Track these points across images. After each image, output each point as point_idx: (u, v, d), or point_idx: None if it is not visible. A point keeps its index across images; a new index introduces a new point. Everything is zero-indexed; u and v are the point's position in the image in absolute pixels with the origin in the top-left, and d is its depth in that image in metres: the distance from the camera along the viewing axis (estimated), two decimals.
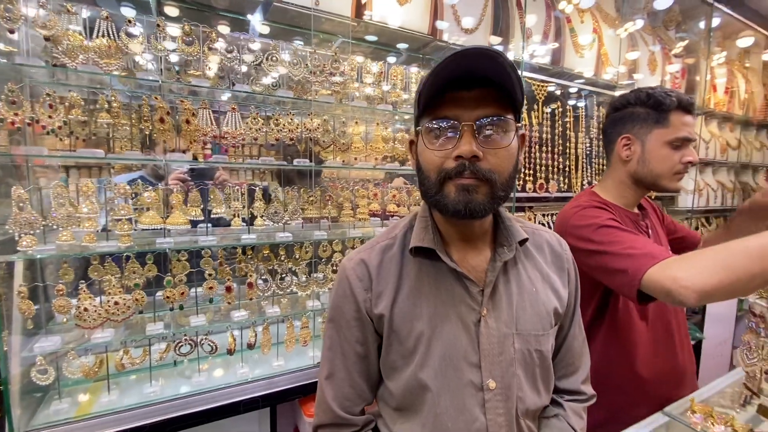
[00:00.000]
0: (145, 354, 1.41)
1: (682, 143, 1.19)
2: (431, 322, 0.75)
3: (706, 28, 3.10)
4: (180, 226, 1.36)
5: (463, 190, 0.68)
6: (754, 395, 1.32)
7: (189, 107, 1.37)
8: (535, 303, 0.80)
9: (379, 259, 0.80)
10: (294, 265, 1.68)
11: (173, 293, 1.39)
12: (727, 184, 3.68)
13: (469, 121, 0.67)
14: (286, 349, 1.63)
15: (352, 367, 0.81)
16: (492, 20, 2.06)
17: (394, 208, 1.79)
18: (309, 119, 1.58)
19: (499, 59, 0.64)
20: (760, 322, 1.30)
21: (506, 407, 0.75)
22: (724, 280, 0.82)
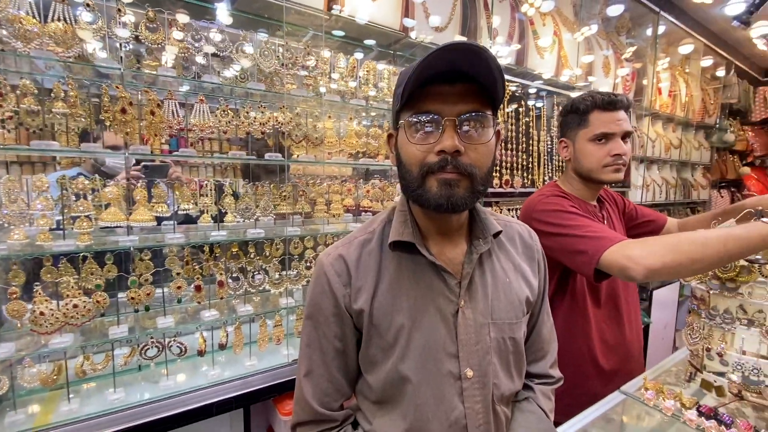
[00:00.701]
0: (108, 359, 1.33)
1: (605, 138, 1.30)
2: (411, 315, 0.76)
3: (652, 34, 3.34)
4: (145, 223, 1.29)
5: (445, 184, 0.69)
6: (697, 371, 1.45)
7: (154, 98, 1.30)
8: (509, 293, 0.83)
9: (358, 254, 0.81)
10: (264, 262, 1.64)
11: (138, 294, 1.32)
12: (671, 180, 4.00)
13: (451, 116, 0.68)
14: (260, 348, 1.59)
15: (331, 363, 0.80)
16: (461, 20, 2.11)
17: (368, 203, 1.79)
18: (280, 112, 1.54)
19: (484, 55, 0.65)
20: (701, 304, 1.43)
21: (483, 394, 0.77)
22: (670, 261, 0.96)
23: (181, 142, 2.29)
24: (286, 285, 1.62)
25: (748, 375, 1.26)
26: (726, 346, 1.32)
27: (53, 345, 1.18)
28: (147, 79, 1.41)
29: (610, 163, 1.31)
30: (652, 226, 1.61)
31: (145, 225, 1.30)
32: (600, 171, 1.33)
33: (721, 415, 1.19)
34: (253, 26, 1.65)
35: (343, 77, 1.75)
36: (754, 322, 1.27)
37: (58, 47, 1.13)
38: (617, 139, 1.31)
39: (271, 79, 1.64)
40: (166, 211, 1.34)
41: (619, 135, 1.31)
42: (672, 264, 0.96)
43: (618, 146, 1.30)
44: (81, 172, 1.53)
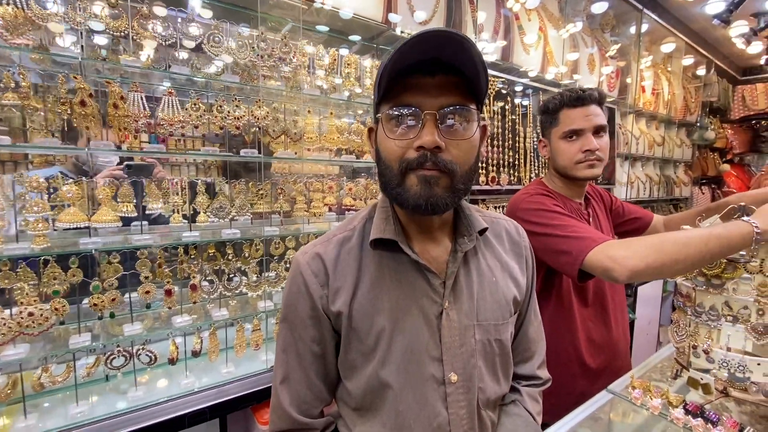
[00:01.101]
0: (69, 370, 1.24)
1: (575, 134, 1.30)
2: (392, 317, 0.72)
3: (636, 32, 3.36)
4: (109, 224, 1.21)
5: (425, 182, 0.65)
6: (684, 368, 1.43)
7: (116, 90, 1.21)
8: (495, 292, 0.80)
9: (336, 253, 0.76)
10: (243, 264, 1.57)
11: (102, 300, 1.23)
12: (654, 177, 4.04)
13: (432, 110, 0.64)
14: (236, 355, 1.52)
15: (309, 368, 0.76)
16: (445, 14, 2.07)
17: (350, 202, 1.73)
18: (256, 106, 1.47)
19: (466, 44, 0.61)
20: (687, 301, 1.42)
21: (468, 399, 0.74)
22: (653, 262, 0.96)
23: (160, 140, 2.20)
24: (264, 287, 1.55)
25: (734, 372, 1.24)
26: (712, 343, 1.30)
27: (6, 357, 1.09)
28: (117, 71, 1.33)
29: (582, 159, 1.30)
30: (638, 223, 1.60)
31: (109, 226, 1.21)
32: (574, 168, 1.32)
33: (707, 413, 1.17)
34: (231, 17, 1.57)
35: (326, 72, 1.68)
36: (738, 319, 1.25)
37: (7, 33, 1.04)
38: (588, 135, 1.29)
39: (249, 72, 1.57)
40: (132, 211, 1.25)
41: (590, 130, 1.29)
42: (655, 264, 0.97)
43: (588, 142, 1.28)
44: (62, 170, 1.44)
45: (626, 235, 1.66)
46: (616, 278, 1.02)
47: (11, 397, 1.13)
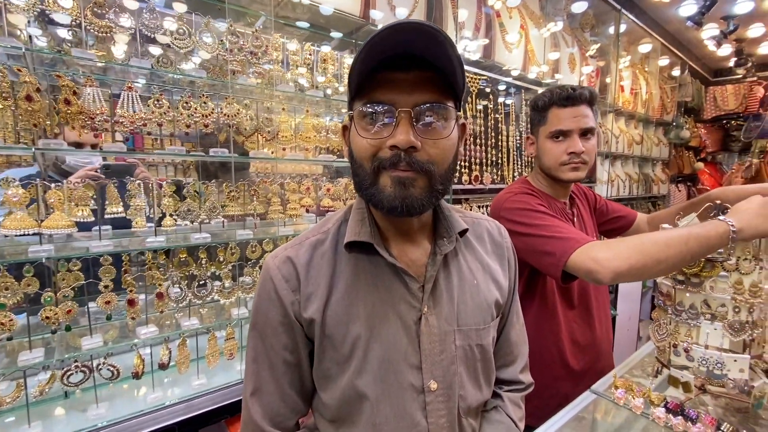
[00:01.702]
0: (20, 389, 1.14)
1: (562, 135, 1.27)
2: (369, 324, 0.69)
3: (615, 32, 3.40)
4: (63, 229, 1.11)
5: (399, 183, 0.62)
6: (664, 366, 1.44)
7: (68, 84, 1.11)
8: (476, 296, 0.77)
9: (309, 257, 0.72)
10: (217, 269, 1.49)
11: (56, 312, 1.13)
12: (633, 175, 4.11)
13: (406, 107, 0.61)
14: (209, 365, 1.44)
15: (282, 378, 0.72)
16: (425, 10, 2.02)
17: (328, 203, 1.66)
18: (226, 103, 1.39)
19: (440, 37, 0.57)
20: (667, 300, 1.42)
21: (448, 407, 0.71)
22: (635, 263, 0.97)
23: (138, 140, 2.09)
24: (237, 294, 1.48)
25: (712, 369, 1.25)
26: (691, 341, 1.30)
27: None
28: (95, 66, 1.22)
29: (567, 161, 1.27)
30: (622, 222, 1.60)
31: (63, 232, 1.11)
32: (558, 169, 1.29)
33: (687, 411, 1.17)
34: (206, 11, 1.48)
35: (299, 67, 1.61)
36: (716, 317, 1.26)
37: None
38: (574, 137, 1.26)
39: (221, 68, 1.48)
40: (89, 215, 1.16)
41: (577, 132, 1.25)
42: (638, 266, 0.97)
43: (574, 144, 1.25)
44: (40, 171, 1.34)
45: (610, 234, 1.66)
46: (599, 280, 1.01)
47: None
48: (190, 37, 1.28)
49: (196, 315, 1.44)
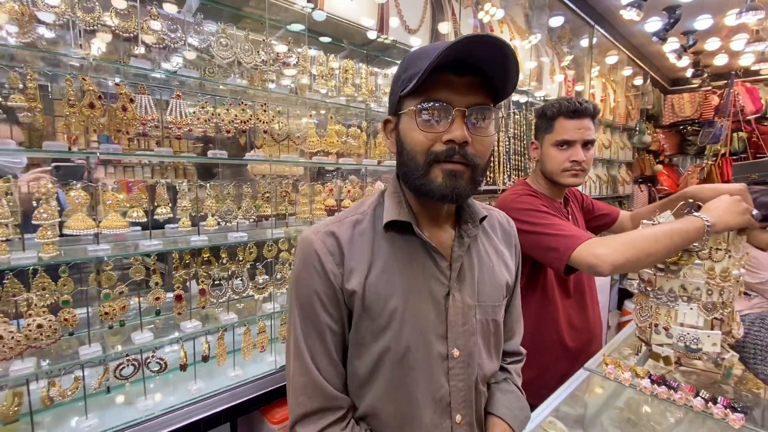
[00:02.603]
0: (78, 382, 1.18)
1: (566, 144, 1.39)
2: (404, 298, 0.75)
3: (588, 45, 3.69)
4: (118, 229, 1.16)
5: (451, 175, 0.70)
6: (645, 344, 1.65)
7: (126, 92, 1.16)
8: (492, 276, 0.85)
9: (350, 234, 0.77)
10: (237, 268, 1.54)
11: (113, 308, 1.19)
12: (602, 176, 4.46)
13: (461, 107, 0.68)
14: (243, 358, 1.52)
15: (331, 347, 0.76)
16: (431, 24, 2.17)
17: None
18: (261, 110, 1.47)
19: (505, 50, 0.64)
20: (648, 285, 1.63)
21: (467, 373, 0.79)
22: (630, 257, 1.11)
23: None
24: (271, 289, 1.56)
25: (689, 345, 1.45)
26: (670, 321, 1.51)
27: (13, 372, 1.02)
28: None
29: (569, 168, 1.41)
30: (606, 219, 1.80)
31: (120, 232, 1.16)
32: (559, 174, 1.43)
33: (669, 381, 1.37)
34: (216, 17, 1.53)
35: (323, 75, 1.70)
36: (692, 299, 1.47)
37: None
38: (577, 146, 1.40)
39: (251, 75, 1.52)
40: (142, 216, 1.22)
41: (580, 142, 1.39)
42: (632, 259, 1.12)
43: (577, 153, 1.39)
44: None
45: (596, 230, 1.86)
46: (600, 272, 1.15)
47: (18, 414, 1.06)
48: (231, 49, 1.36)
49: (233, 310, 1.51)
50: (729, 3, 3.22)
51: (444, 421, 0.78)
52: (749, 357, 1.46)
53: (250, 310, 1.65)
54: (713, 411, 1.24)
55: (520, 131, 3.01)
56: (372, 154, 1.98)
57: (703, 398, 1.29)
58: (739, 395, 1.47)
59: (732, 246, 1.39)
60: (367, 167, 1.99)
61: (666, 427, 1.32)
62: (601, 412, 1.40)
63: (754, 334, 1.47)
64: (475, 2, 2.52)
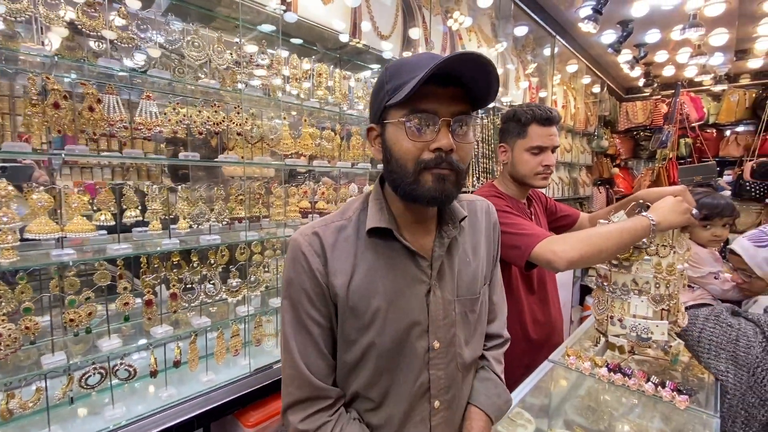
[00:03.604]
0: (40, 393, 1.13)
1: (539, 150, 1.48)
2: (387, 298, 0.80)
3: (551, 54, 3.89)
4: (85, 233, 1.12)
5: (440, 179, 0.74)
6: (602, 335, 1.77)
7: (93, 92, 1.13)
8: (471, 271, 0.90)
9: (334, 238, 0.81)
10: (210, 271, 1.52)
11: (79, 314, 1.14)
12: (565, 179, 4.70)
13: (447, 117, 0.73)
14: (217, 362, 1.50)
15: (319, 340, 0.80)
16: (402, 30, 2.23)
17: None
18: (235, 112, 1.46)
19: (488, 68, 0.70)
20: (604, 280, 1.75)
21: (446, 362, 0.84)
22: (585, 253, 1.21)
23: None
24: (244, 292, 1.55)
25: (640, 334, 1.57)
26: (624, 313, 1.63)
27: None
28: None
29: (541, 172, 1.51)
30: (568, 220, 1.92)
31: (86, 236, 1.12)
32: (532, 177, 1.53)
33: (623, 369, 1.49)
34: (186, 17, 1.51)
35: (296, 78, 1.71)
36: (642, 292, 1.59)
37: None
38: (549, 152, 1.51)
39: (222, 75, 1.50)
40: (110, 219, 1.18)
41: (550, 148, 1.51)
42: (586, 255, 1.22)
43: (549, 158, 1.50)
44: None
45: (559, 230, 1.97)
46: (556, 268, 1.24)
47: None
48: (203, 50, 1.34)
49: (205, 314, 1.49)
50: (675, 19, 3.49)
51: (422, 405, 0.84)
52: (703, 352, 1.58)
53: (222, 314, 1.63)
54: (662, 394, 1.36)
55: (488, 135, 3.12)
56: (345, 156, 2.01)
57: (653, 383, 1.40)
58: (687, 380, 1.61)
59: (676, 243, 1.52)
60: (341, 170, 2.02)
61: (622, 412, 1.43)
62: (564, 401, 1.49)
63: (710, 331, 1.60)
64: (444, 10, 2.61)
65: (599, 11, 3.00)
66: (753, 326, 1.52)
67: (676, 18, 3.46)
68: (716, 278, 1.95)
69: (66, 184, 1.49)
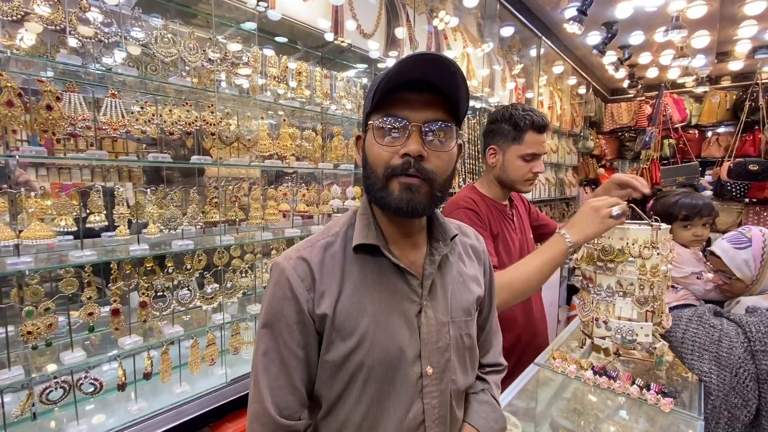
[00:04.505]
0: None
1: (532, 157, 1.47)
2: (375, 318, 0.75)
3: (536, 55, 3.90)
4: (43, 240, 1.05)
5: (407, 188, 0.71)
6: (588, 337, 1.76)
7: (51, 89, 1.06)
8: (463, 292, 0.86)
9: (321, 257, 0.78)
10: (184, 277, 1.45)
11: (38, 326, 1.07)
12: (551, 179, 4.72)
13: (417, 122, 0.71)
14: (191, 372, 1.44)
15: (294, 374, 0.75)
16: (386, 29, 2.19)
17: (304, 207, 1.73)
18: (209, 111, 1.40)
19: (452, 68, 0.68)
20: (590, 282, 1.74)
21: (440, 390, 0.79)
22: (508, 300, 1.25)
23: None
24: (219, 299, 1.49)
25: (625, 336, 1.57)
26: (609, 315, 1.62)
27: None
28: None
29: (531, 178, 1.51)
30: (545, 230, 1.90)
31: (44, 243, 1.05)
32: (521, 183, 1.52)
33: (609, 372, 1.48)
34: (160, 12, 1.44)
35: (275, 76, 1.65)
36: (627, 293, 1.59)
37: None
38: (539, 159, 1.50)
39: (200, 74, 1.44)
40: (72, 225, 1.12)
41: (541, 155, 1.50)
42: (509, 300, 1.25)
43: (539, 165, 1.49)
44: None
45: (540, 238, 1.96)
46: None
47: None
48: (174, 46, 1.28)
49: (179, 322, 1.42)
50: (658, 21, 3.53)
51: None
52: (687, 354, 1.58)
53: (198, 322, 1.56)
54: (647, 397, 1.35)
55: (474, 136, 3.11)
56: (328, 157, 1.96)
57: (638, 386, 1.39)
58: (671, 380, 1.61)
59: (659, 245, 1.52)
60: (323, 171, 1.97)
61: (608, 414, 1.42)
62: (550, 404, 1.47)
63: (693, 332, 1.60)
64: (429, 9, 2.58)
65: (584, 12, 3.02)
66: (735, 327, 1.52)
67: (660, 20, 3.50)
68: (699, 278, 1.96)
69: (43, 185, 1.42)
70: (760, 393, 1.40)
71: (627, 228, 1.55)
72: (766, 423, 1.39)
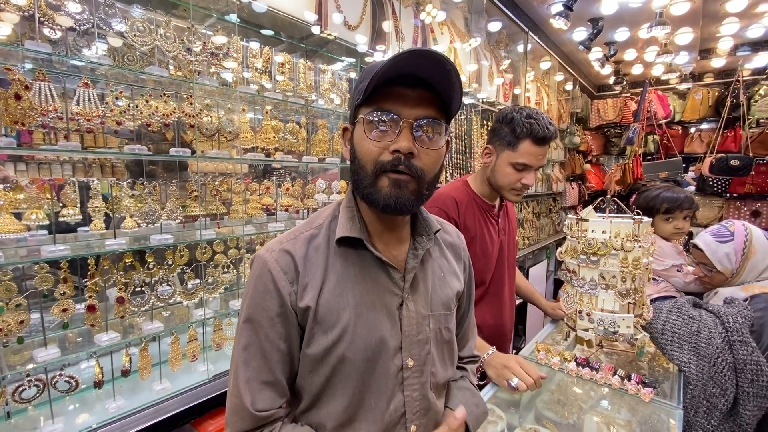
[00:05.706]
0: None
1: (523, 167, 1.41)
2: (357, 311, 0.76)
3: (524, 51, 3.91)
4: (12, 234, 1.02)
5: (396, 185, 0.71)
6: (572, 329, 1.78)
7: (20, 78, 1.02)
8: (444, 287, 0.88)
9: (305, 250, 0.77)
10: (165, 272, 1.42)
11: (8, 323, 1.04)
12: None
13: (409, 119, 0.70)
14: (172, 369, 1.41)
15: (275, 367, 0.75)
16: (371, 21, 2.17)
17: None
18: (187, 103, 1.37)
19: (447, 66, 0.67)
20: (573, 275, 1.76)
21: (420, 382, 0.80)
22: None
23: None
24: (200, 295, 1.47)
25: (607, 328, 1.59)
26: (592, 307, 1.64)
27: None
28: None
29: (518, 189, 1.46)
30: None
31: (14, 237, 1.02)
32: (507, 191, 1.48)
33: (591, 363, 1.50)
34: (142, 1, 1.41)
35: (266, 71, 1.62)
36: (609, 286, 1.61)
37: None
38: (532, 172, 1.44)
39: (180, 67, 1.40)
40: (44, 218, 1.08)
41: (535, 168, 1.44)
42: None
43: (530, 178, 1.43)
44: None
45: None
46: None
47: None
48: (150, 34, 1.24)
49: (159, 318, 1.39)
50: (642, 17, 3.57)
51: (398, 431, 0.78)
52: (667, 344, 1.61)
53: (180, 318, 1.54)
54: (628, 387, 1.37)
55: (462, 132, 3.11)
56: (313, 151, 1.94)
57: (620, 376, 1.41)
58: (653, 370, 1.64)
59: (641, 238, 1.54)
60: (308, 164, 1.94)
61: (591, 404, 1.44)
62: (535, 396, 1.48)
63: (672, 323, 1.63)
64: (415, 3, 2.56)
65: (570, 8, 3.03)
66: (713, 318, 1.55)
67: (644, 16, 3.54)
68: (679, 271, 1.99)
69: (15, 178, 1.37)
70: (737, 382, 1.43)
71: (610, 221, 1.58)
72: (743, 411, 1.42)
